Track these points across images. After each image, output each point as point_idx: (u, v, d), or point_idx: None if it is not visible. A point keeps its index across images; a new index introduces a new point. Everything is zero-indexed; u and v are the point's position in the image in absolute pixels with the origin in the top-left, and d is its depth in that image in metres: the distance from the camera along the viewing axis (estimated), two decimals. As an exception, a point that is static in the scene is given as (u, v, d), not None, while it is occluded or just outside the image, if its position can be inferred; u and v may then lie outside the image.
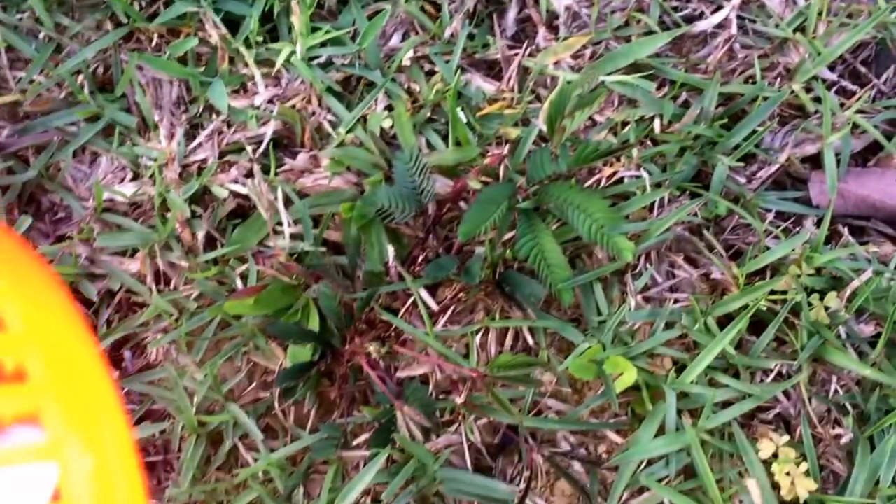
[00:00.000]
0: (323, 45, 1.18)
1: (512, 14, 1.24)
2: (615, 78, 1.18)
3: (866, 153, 1.24)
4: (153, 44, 1.19)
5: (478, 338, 1.06)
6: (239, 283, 1.08)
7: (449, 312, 1.08)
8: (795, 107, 1.22)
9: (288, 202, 1.10)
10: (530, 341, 1.07)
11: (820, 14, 1.22)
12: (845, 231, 1.15)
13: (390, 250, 1.06)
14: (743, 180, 1.15)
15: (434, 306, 1.06)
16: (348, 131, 1.14)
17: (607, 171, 1.13)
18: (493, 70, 1.22)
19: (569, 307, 1.06)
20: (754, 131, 1.15)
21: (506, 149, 1.13)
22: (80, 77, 1.17)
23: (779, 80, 1.21)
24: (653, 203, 1.11)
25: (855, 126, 1.18)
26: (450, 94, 1.12)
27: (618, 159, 1.13)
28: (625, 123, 1.16)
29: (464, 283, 1.05)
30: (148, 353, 1.10)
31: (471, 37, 1.22)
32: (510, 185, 1.06)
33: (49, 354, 0.40)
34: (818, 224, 1.15)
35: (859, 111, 1.20)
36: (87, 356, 0.43)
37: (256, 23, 1.16)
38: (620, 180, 1.13)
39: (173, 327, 1.08)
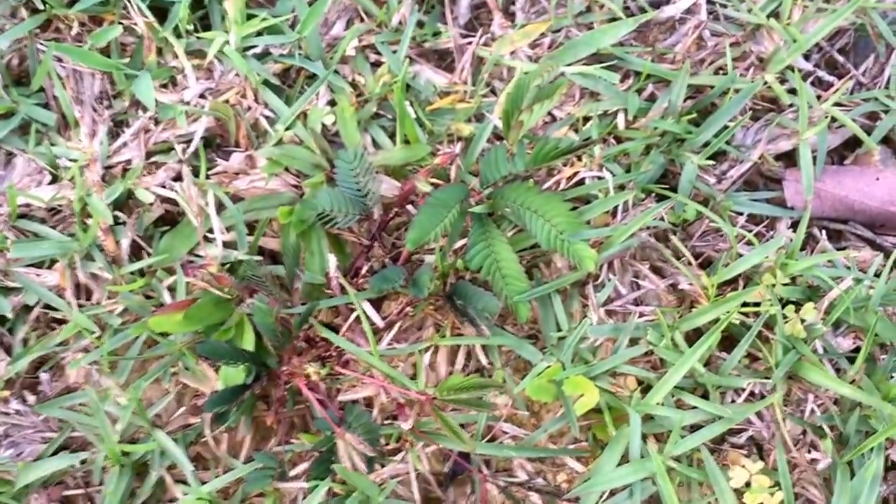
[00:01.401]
0: (259, 33, 1.08)
1: (466, -1, 1.15)
2: (576, 69, 1.09)
3: (844, 149, 1.16)
4: (73, 33, 1.09)
5: (427, 356, 0.98)
6: (167, 297, 0.99)
7: (395, 328, 0.99)
8: (769, 99, 1.13)
9: (220, 207, 1.01)
10: (484, 360, 0.98)
11: (795, -1, 1.14)
12: (822, 235, 1.07)
13: (331, 260, 0.98)
14: (713, 180, 1.07)
15: (379, 322, 0.98)
16: (287, 128, 1.05)
17: (567, 171, 1.04)
18: (444, 60, 1.13)
19: (526, 322, 0.97)
20: (725, 127, 1.07)
21: (458, 147, 1.04)
22: (-7, 70, 1.07)
23: (751, 69, 1.13)
24: (616, 207, 1.02)
25: (832, 120, 1.10)
26: (397, 87, 1.02)
27: (579, 158, 1.04)
28: (587, 119, 1.08)
29: (411, 297, 0.96)
30: (67, 374, 1.00)
31: (420, 24, 1.13)
32: (462, 187, 0.97)
33: None
34: (793, 227, 1.07)
35: (836, 104, 1.12)
36: None
37: (186, 10, 1.06)
38: (582, 182, 1.04)
39: (95, 346, 0.99)
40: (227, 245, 1.00)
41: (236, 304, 0.97)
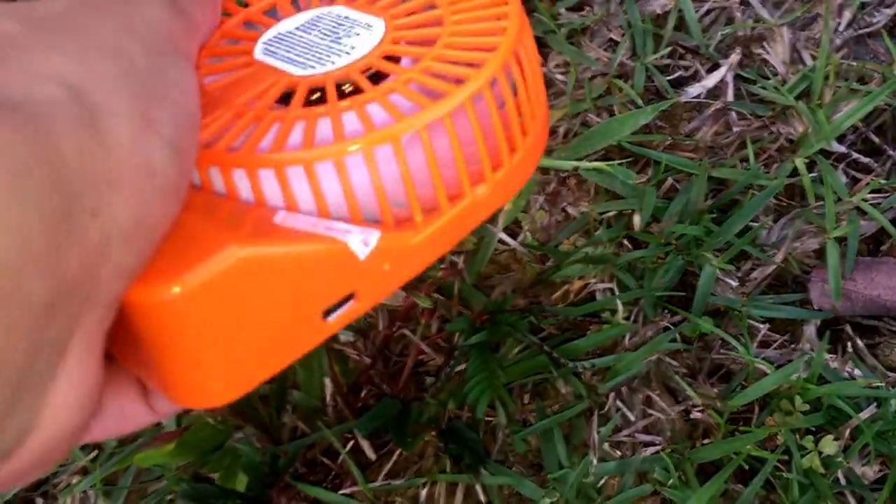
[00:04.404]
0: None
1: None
2: (590, 164, 0.97)
3: (879, 235, 1.03)
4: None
5: (424, 491, 0.88)
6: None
7: (394, 457, 0.90)
8: (797, 188, 1.01)
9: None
10: (483, 498, 0.89)
11: (826, 78, 1.01)
12: (850, 347, 0.95)
13: (328, 384, 0.89)
14: (734, 283, 0.96)
15: (373, 456, 0.89)
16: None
17: (577, 283, 0.93)
18: (457, 151, 1.02)
19: (525, 453, 0.88)
20: (748, 227, 0.95)
21: (461, 260, 0.94)
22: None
23: (780, 153, 1.00)
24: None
25: (862, 212, 0.98)
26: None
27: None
28: (600, 219, 0.97)
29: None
30: (61, 502, 0.93)
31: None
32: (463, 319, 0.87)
33: None
34: (823, 326, 0.95)
35: (873, 190, 0.99)
36: None
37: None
38: (592, 295, 0.94)
39: (92, 469, 0.91)
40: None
41: (233, 430, 0.89)
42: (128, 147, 0.29)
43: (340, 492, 0.89)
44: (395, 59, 0.39)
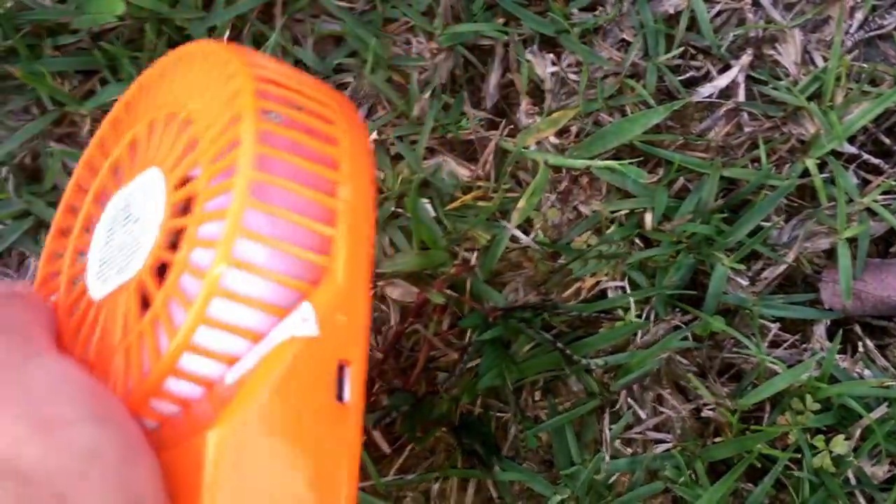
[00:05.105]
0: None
1: (494, 79, 1.03)
2: (602, 163, 0.97)
3: (889, 236, 1.02)
4: (87, 129, 0.99)
5: (436, 486, 0.88)
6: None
7: (406, 452, 0.89)
8: (808, 189, 1.00)
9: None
10: (494, 494, 0.88)
11: (838, 79, 1.00)
12: (860, 345, 0.95)
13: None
14: (745, 282, 0.95)
15: (387, 449, 0.88)
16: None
17: (589, 281, 0.93)
18: (470, 148, 1.02)
19: (540, 447, 0.87)
20: (759, 226, 0.95)
21: (474, 257, 0.94)
22: (4, 170, 0.98)
23: (792, 153, 1.00)
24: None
25: (872, 213, 0.97)
26: (412, 191, 0.92)
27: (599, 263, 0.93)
28: (612, 217, 0.96)
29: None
30: None
31: (446, 108, 1.01)
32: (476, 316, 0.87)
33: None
34: (833, 326, 0.95)
35: (884, 192, 0.98)
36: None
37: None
38: (604, 293, 0.93)
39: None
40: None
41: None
42: (57, 459, 0.29)
43: (352, 486, 0.88)
44: (187, 179, 0.38)
